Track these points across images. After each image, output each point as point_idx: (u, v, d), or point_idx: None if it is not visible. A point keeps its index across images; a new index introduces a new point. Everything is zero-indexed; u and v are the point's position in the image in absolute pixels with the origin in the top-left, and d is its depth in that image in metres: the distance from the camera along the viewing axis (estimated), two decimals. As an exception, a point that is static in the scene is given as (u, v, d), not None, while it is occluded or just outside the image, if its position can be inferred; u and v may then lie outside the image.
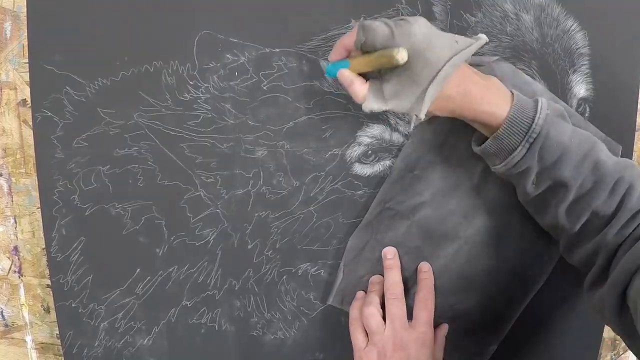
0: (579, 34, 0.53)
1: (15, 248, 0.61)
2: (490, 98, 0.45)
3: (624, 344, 0.62)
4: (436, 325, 0.55)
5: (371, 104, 0.45)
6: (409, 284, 0.56)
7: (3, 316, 0.63)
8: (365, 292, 0.57)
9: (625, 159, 0.47)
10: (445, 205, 0.55)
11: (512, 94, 0.46)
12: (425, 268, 0.56)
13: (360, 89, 0.45)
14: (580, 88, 0.54)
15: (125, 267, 0.57)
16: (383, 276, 0.56)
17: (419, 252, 0.56)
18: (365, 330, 0.54)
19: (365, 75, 0.46)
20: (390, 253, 0.56)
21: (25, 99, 0.57)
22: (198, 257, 0.57)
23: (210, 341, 0.59)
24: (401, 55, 0.41)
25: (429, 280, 0.55)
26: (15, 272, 0.62)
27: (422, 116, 0.44)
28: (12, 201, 0.60)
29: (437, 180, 0.55)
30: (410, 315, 0.54)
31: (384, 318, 0.53)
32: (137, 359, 0.59)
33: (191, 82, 0.54)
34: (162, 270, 0.57)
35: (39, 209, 0.57)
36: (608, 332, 0.62)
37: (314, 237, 0.57)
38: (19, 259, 0.62)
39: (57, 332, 0.60)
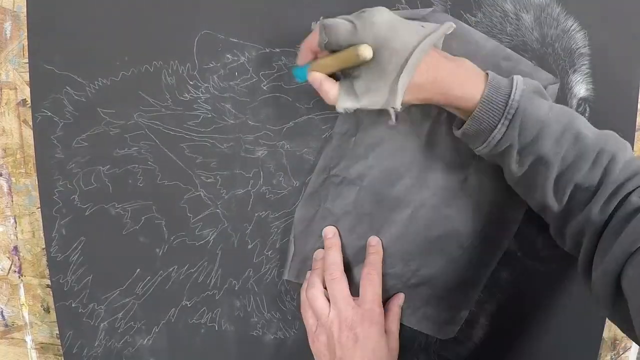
0: (579, 34, 0.53)
1: (15, 248, 0.61)
2: (461, 81, 0.44)
3: (624, 343, 0.62)
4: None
5: (344, 103, 0.44)
6: (364, 255, 0.55)
7: (3, 316, 0.63)
8: None
9: (607, 130, 0.46)
10: (393, 168, 0.54)
11: (487, 74, 0.45)
12: (373, 242, 0.54)
13: (330, 88, 0.44)
14: (580, 88, 0.54)
15: (125, 267, 0.57)
16: None
17: (372, 218, 0.55)
18: None
19: (335, 76, 0.45)
20: (329, 232, 0.55)
21: (25, 99, 0.57)
22: (198, 257, 0.57)
23: (210, 341, 0.59)
24: (365, 52, 0.40)
25: (375, 255, 0.54)
26: (15, 272, 0.62)
27: (398, 107, 0.43)
28: (12, 201, 0.60)
29: (382, 143, 0.53)
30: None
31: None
32: (137, 359, 0.59)
33: (191, 82, 0.54)
34: (162, 270, 0.57)
35: (39, 209, 0.57)
36: (608, 332, 0.62)
37: (314, 237, 0.57)
38: (19, 259, 0.62)
39: (57, 332, 0.60)
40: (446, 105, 0.46)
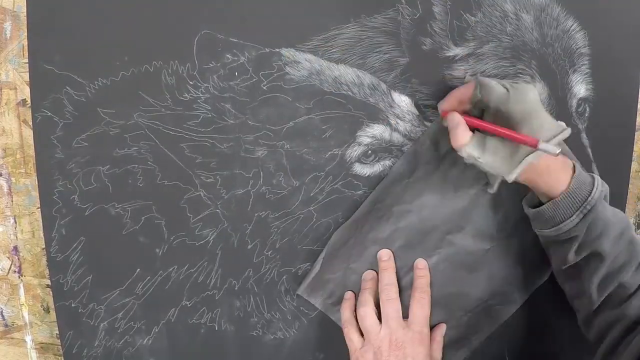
0: (579, 34, 0.53)
1: (15, 248, 0.61)
2: (552, 170, 0.47)
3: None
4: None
5: (470, 150, 0.47)
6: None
7: (3, 316, 0.63)
8: (341, 290, 0.57)
9: None
10: (430, 218, 0.56)
11: (574, 165, 0.48)
12: (421, 265, 0.56)
13: (463, 134, 0.48)
14: (580, 88, 0.54)
15: (125, 267, 0.57)
16: (356, 275, 0.57)
17: (396, 260, 0.57)
18: (360, 331, 0.54)
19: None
20: (385, 255, 0.56)
21: (25, 99, 0.57)
22: (198, 257, 0.57)
23: (210, 341, 0.59)
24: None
25: (425, 278, 0.56)
26: (15, 272, 0.62)
27: (511, 180, 0.46)
28: (12, 201, 0.60)
29: (429, 193, 0.55)
30: (405, 314, 0.54)
31: (379, 318, 0.53)
32: (137, 359, 0.59)
33: (191, 82, 0.54)
34: (162, 270, 0.57)
35: (39, 209, 0.57)
36: (608, 332, 0.62)
37: (313, 237, 0.57)
38: (18, 259, 0.62)
39: (57, 332, 0.60)
40: (532, 185, 0.49)
